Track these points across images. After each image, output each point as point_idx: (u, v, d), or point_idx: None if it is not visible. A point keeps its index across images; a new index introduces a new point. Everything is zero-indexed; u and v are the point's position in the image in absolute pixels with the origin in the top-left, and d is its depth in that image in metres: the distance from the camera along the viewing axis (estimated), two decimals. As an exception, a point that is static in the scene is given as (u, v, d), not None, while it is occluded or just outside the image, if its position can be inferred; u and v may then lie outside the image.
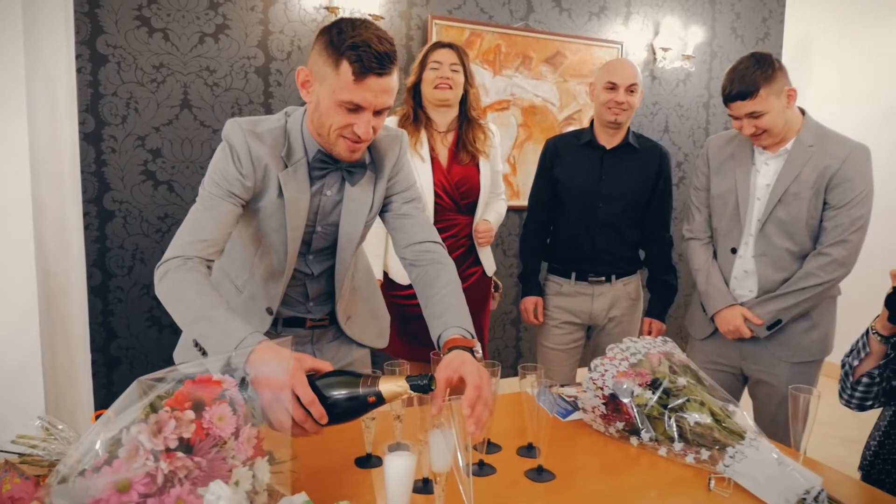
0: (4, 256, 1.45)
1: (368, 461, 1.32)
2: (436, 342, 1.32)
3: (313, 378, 1.12)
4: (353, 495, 1.17)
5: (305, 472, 1.24)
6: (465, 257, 2.47)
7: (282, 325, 1.56)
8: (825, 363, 2.08)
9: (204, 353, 1.18)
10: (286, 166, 1.37)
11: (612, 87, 2.25)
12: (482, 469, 1.30)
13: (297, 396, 1.07)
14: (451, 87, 2.32)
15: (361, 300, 1.68)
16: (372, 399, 1.09)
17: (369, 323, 1.69)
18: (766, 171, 2.00)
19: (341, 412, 1.11)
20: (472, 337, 1.29)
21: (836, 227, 1.90)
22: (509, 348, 3.91)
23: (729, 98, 1.90)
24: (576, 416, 1.60)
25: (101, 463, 0.90)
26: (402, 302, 2.41)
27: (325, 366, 1.15)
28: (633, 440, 1.43)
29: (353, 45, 1.21)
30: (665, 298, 2.47)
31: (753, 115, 1.87)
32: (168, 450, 0.90)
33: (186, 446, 0.95)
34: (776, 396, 2.01)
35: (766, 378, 2.03)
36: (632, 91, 2.26)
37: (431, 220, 2.34)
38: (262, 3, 3.01)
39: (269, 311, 1.50)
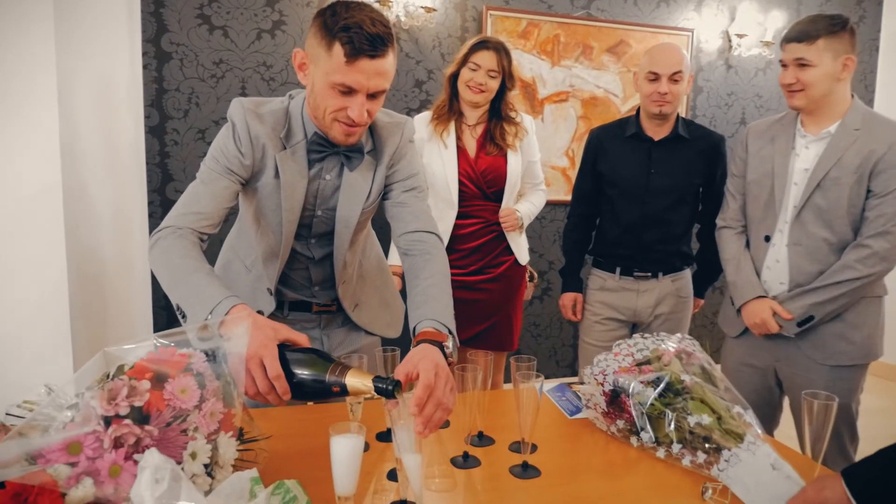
0: (34, 237, 1.55)
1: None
2: (411, 333, 1.29)
3: (286, 349, 1.12)
4: (327, 477, 1.16)
5: (287, 452, 1.25)
6: (496, 245, 2.46)
7: (288, 308, 1.58)
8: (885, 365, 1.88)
9: (184, 318, 1.20)
10: (284, 147, 1.38)
11: (655, 77, 2.14)
12: (466, 461, 1.26)
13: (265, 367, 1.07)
14: (482, 92, 2.34)
15: (371, 288, 1.67)
16: (336, 389, 1.08)
17: (379, 312, 1.68)
18: (806, 154, 1.84)
19: (305, 392, 1.10)
20: (448, 331, 1.25)
21: (878, 217, 1.73)
22: (566, 347, 3.80)
23: (787, 38, 1.81)
24: (583, 414, 1.52)
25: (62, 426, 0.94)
26: None
27: (302, 339, 1.16)
28: (634, 440, 1.34)
29: (346, 26, 1.21)
30: (709, 276, 2.43)
31: (801, 64, 1.77)
32: (118, 416, 0.93)
33: (143, 415, 0.97)
34: None
35: (803, 382, 1.86)
36: (676, 80, 2.14)
37: (456, 207, 2.37)
38: (314, -3, 3.08)
39: (270, 291, 1.52)
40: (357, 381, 1.07)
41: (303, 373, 1.10)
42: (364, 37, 1.20)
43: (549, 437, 1.39)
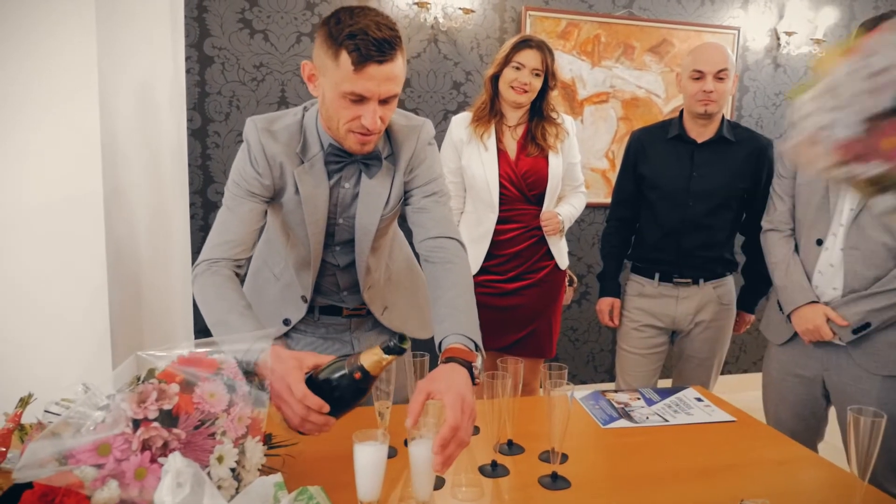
0: (74, 239, 1.60)
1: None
2: (437, 348, 1.26)
3: (315, 374, 1.13)
4: (353, 483, 1.15)
5: (314, 456, 1.25)
6: (536, 250, 2.42)
7: (319, 312, 1.59)
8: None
9: None
10: (302, 162, 1.38)
11: (700, 75, 2.09)
12: (494, 470, 1.24)
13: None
14: (526, 92, 2.30)
15: (401, 290, 1.66)
16: (358, 375, 1.09)
17: (410, 313, 1.67)
18: None
19: (339, 398, 1.11)
20: (476, 348, 1.21)
21: None
22: (604, 352, 3.74)
23: None
24: (618, 423, 1.48)
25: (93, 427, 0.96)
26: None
27: (328, 361, 1.15)
28: (880, 201, 0.85)
29: (351, 33, 1.19)
30: (758, 289, 2.30)
31: None
32: (147, 419, 0.94)
33: (172, 418, 0.98)
34: None
35: (853, 393, 1.78)
36: (721, 78, 2.08)
37: (497, 210, 2.34)
38: (357, 1, 3.09)
39: (304, 298, 1.53)
40: (370, 355, 1.09)
41: (330, 381, 1.10)
42: (371, 42, 1.18)
43: (581, 447, 1.36)
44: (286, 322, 1.55)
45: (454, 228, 1.45)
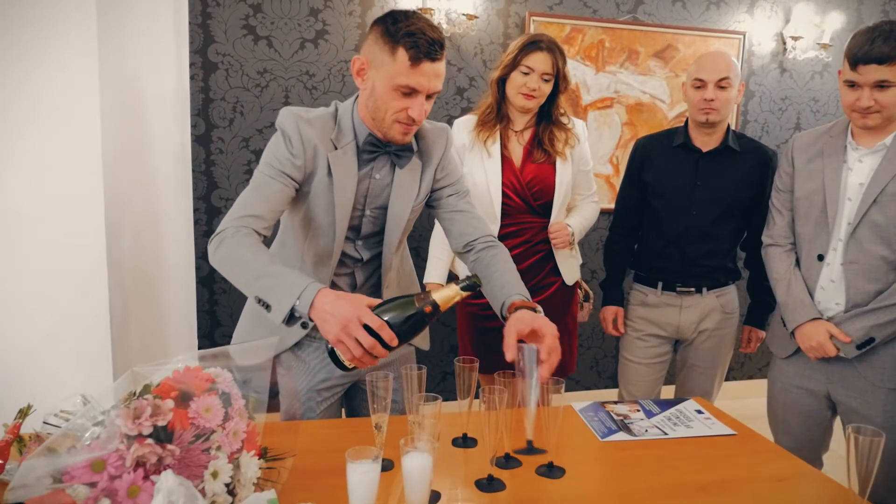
0: (75, 246, 1.61)
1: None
2: (499, 311, 1.46)
3: (376, 311, 1.22)
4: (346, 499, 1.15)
5: (312, 469, 1.24)
6: (543, 265, 2.30)
7: None
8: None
9: (268, 308, 1.26)
10: (335, 148, 1.46)
11: (701, 84, 2.07)
12: (490, 484, 1.23)
13: (366, 326, 1.17)
14: (535, 98, 2.17)
15: None
16: (429, 309, 1.21)
17: None
18: (861, 168, 1.74)
19: (405, 330, 1.21)
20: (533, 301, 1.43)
21: None
22: (608, 358, 3.73)
23: (864, 59, 1.62)
24: (617, 436, 1.47)
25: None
26: (477, 312, 2.34)
27: (379, 302, 1.26)
28: None
29: (409, 32, 1.32)
30: (767, 304, 2.26)
31: (881, 86, 1.63)
32: (141, 435, 0.94)
33: (167, 434, 0.98)
34: None
35: (858, 406, 1.76)
36: (722, 87, 2.06)
37: (499, 221, 2.26)
38: (360, 7, 3.10)
39: None
40: (444, 292, 1.23)
41: (397, 315, 1.20)
42: (427, 41, 1.32)
43: (579, 460, 1.35)
44: (304, 325, 1.55)
45: (487, 224, 1.64)
